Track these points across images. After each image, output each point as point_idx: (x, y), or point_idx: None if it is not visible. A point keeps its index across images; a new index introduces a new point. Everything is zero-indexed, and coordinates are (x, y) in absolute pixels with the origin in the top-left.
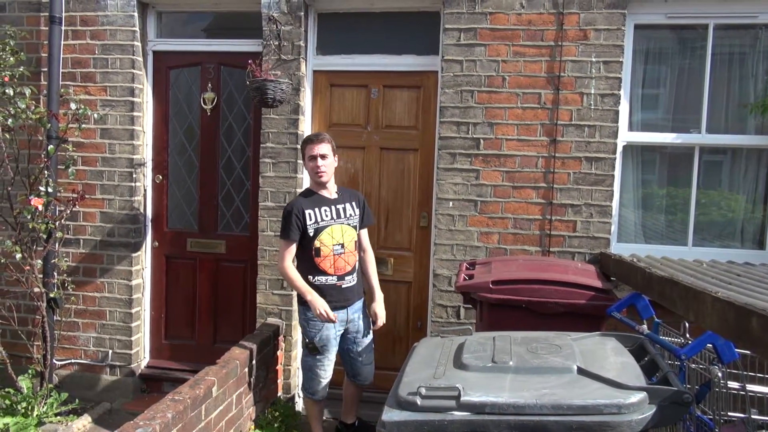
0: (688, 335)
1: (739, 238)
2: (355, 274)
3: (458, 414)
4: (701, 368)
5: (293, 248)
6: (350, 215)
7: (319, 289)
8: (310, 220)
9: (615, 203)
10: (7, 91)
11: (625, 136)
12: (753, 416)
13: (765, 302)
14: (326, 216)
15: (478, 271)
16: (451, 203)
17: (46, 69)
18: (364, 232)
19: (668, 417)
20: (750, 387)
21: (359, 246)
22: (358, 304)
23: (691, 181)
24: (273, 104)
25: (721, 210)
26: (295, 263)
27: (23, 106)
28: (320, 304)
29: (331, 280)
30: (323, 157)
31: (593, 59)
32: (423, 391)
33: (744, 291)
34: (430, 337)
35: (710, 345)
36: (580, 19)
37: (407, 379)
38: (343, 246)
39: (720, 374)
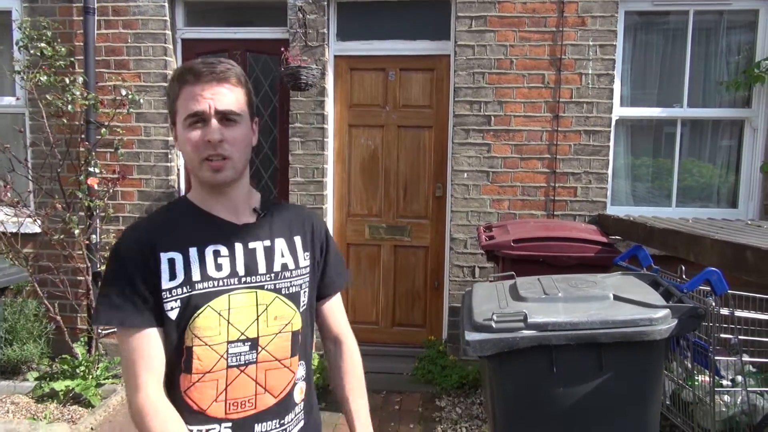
0: (684, 276)
1: (715, 199)
2: (292, 415)
3: (526, 332)
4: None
5: (143, 344)
6: (287, 266)
7: None
8: (173, 275)
9: (610, 171)
10: (65, 79)
11: (618, 111)
12: (739, 336)
13: (753, 241)
14: (219, 268)
15: (497, 233)
16: (465, 174)
17: (80, 57)
18: (334, 304)
19: (686, 327)
20: (738, 313)
21: (326, 336)
22: None
23: (674, 149)
24: (305, 88)
25: (700, 175)
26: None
27: (78, 93)
28: None
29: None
30: (224, 117)
31: (590, 43)
32: (495, 317)
33: (732, 235)
34: (479, 283)
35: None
36: (578, 7)
37: (477, 310)
38: (256, 346)
39: (714, 303)
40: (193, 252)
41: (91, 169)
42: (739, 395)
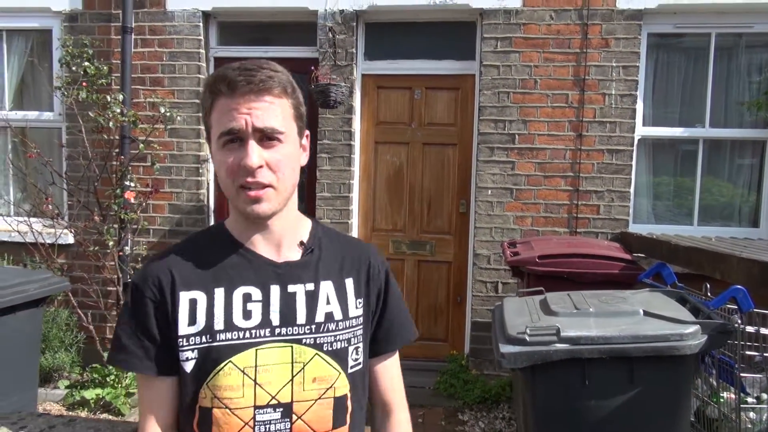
0: (709, 294)
1: (737, 218)
2: None
3: (560, 345)
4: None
5: (149, 394)
6: (333, 316)
7: None
8: (192, 320)
9: (632, 189)
10: (107, 97)
11: (641, 130)
12: (765, 354)
13: None
14: (248, 315)
15: (521, 249)
16: (489, 191)
17: (117, 75)
18: (389, 364)
19: (716, 343)
20: (763, 330)
21: (374, 401)
22: None
23: (696, 169)
24: (334, 105)
25: (721, 195)
26: None
27: (118, 110)
28: None
29: None
30: (265, 136)
31: (613, 64)
32: (529, 330)
33: (757, 254)
34: (509, 297)
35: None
36: (602, 29)
37: (510, 324)
38: (290, 413)
39: (740, 321)
40: (219, 293)
41: (128, 183)
42: (765, 412)
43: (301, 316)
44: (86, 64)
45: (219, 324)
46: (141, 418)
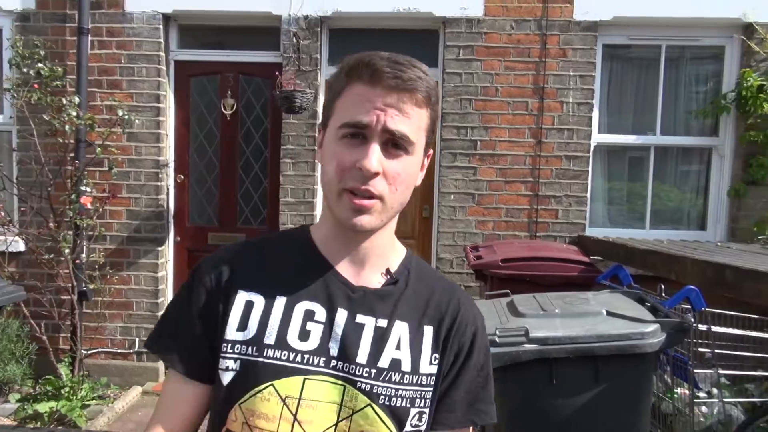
0: (663, 294)
1: (686, 222)
2: None
3: (528, 346)
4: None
5: (171, 396)
6: (400, 365)
7: None
8: (243, 324)
9: (588, 194)
10: (62, 100)
11: (596, 137)
12: (717, 350)
13: (730, 260)
14: (305, 336)
15: (484, 253)
16: (452, 196)
17: (72, 77)
18: None
19: (674, 340)
20: (714, 328)
21: None
22: None
23: (648, 175)
24: (299, 111)
25: (670, 199)
26: None
27: (74, 113)
28: None
29: None
30: (392, 141)
31: (571, 73)
32: (498, 332)
33: (708, 255)
34: (477, 300)
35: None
36: (560, 39)
37: None
38: None
39: (693, 319)
40: (279, 303)
41: (83, 188)
42: (715, 406)
43: (362, 354)
44: (40, 65)
45: (270, 337)
46: (150, 421)
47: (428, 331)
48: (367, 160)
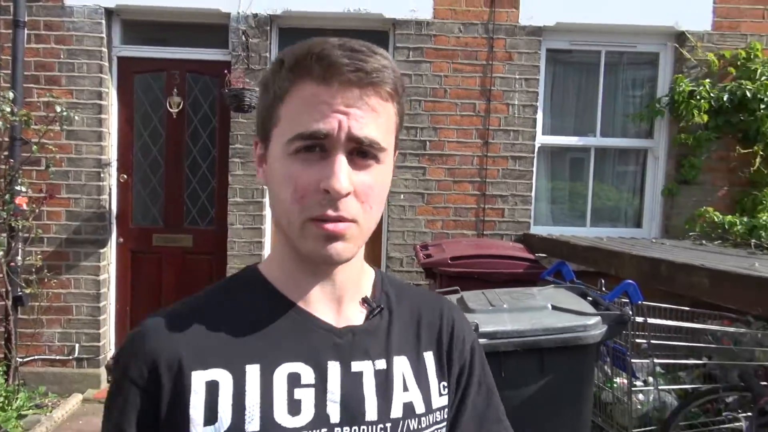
0: (604, 288)
1: (623, 220)
2: None
3: (479, 340)
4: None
5: None
6: (414, 409)
7: None
8: (211, 417)
9: (533, 194)
10: None
11: (540, 139)
12: (652, 341)
13: (664, 255)
14: (295, 408)
15: (433, 251)
16: (402, 196)
17: (6, 72)
18: None
19: (614, 332)
20: (650, 320)
21: None
22: None
23: (588, 175)
24: (248, 110)
25: (609, 198)
26: None
27: (8, 109)
28: None
29: None
30: (360, 150)
31: (516, 76)
32: None
33: (644, 251)
34: None
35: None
36: (506, 43)
37: None
38: None
39: (630, 312)
40: (252, 373)
41: (18, 188)
42: (651, 394)
43: (371, 409)
44: None
45: (253, 422)
46: None
47: (429, 358)
48: (335, 179)
